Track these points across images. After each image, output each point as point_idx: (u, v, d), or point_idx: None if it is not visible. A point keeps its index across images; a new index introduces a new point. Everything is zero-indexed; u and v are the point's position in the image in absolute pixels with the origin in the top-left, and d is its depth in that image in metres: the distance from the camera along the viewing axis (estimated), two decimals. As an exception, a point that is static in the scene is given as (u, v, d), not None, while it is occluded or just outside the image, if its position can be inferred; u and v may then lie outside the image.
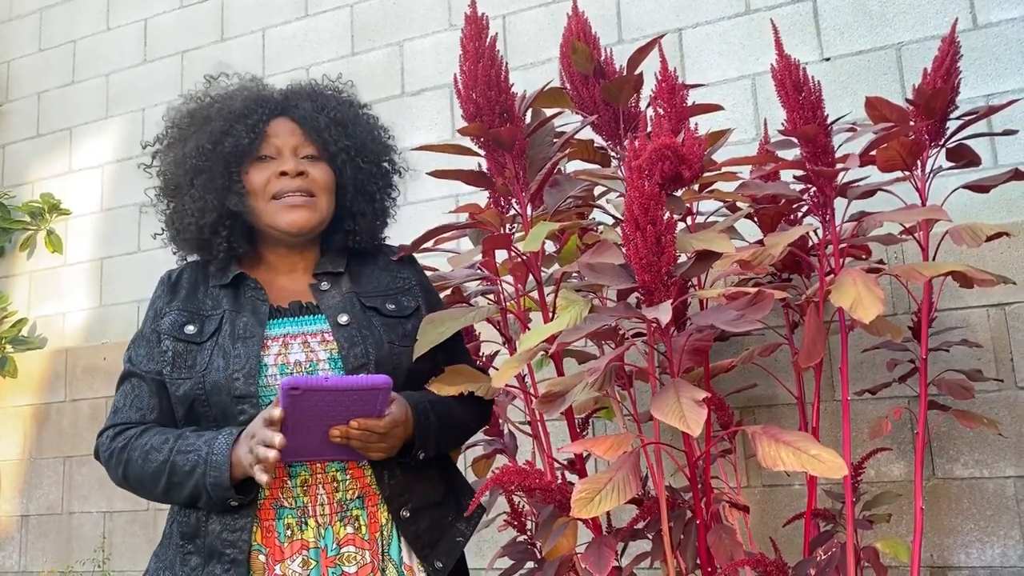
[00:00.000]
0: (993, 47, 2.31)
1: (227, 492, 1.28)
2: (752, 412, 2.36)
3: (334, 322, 1.41)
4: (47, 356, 3.55)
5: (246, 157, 1.45)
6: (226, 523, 1.33)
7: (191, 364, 1.38)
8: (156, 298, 1.49)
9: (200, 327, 1.41)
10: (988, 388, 2.14)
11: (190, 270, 1.51)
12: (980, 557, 2.13)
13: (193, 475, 1.29)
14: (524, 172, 1.63)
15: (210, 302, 1.44)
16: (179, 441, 1.33)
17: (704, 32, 2.65)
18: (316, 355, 1.39)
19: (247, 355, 1.36)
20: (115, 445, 1.38)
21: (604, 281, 1.37)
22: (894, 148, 1.67)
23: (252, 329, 1.39)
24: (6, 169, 3.83)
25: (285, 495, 1.34)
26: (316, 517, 1.34)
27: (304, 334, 1.41)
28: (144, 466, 1.34)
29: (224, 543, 1.32)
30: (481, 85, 1.59)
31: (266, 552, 1.33)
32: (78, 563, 3.27)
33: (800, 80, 1.61)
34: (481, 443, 2.01)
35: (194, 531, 1.35)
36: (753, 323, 1.30)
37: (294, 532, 1.34)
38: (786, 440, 1.28)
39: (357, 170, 1.51)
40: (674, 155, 1.35)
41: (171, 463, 1.31)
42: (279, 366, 1.37)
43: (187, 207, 1.45)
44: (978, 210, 2.17)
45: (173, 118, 1.54)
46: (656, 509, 1.53)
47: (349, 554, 1.34)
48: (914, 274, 1.59)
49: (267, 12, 3.38)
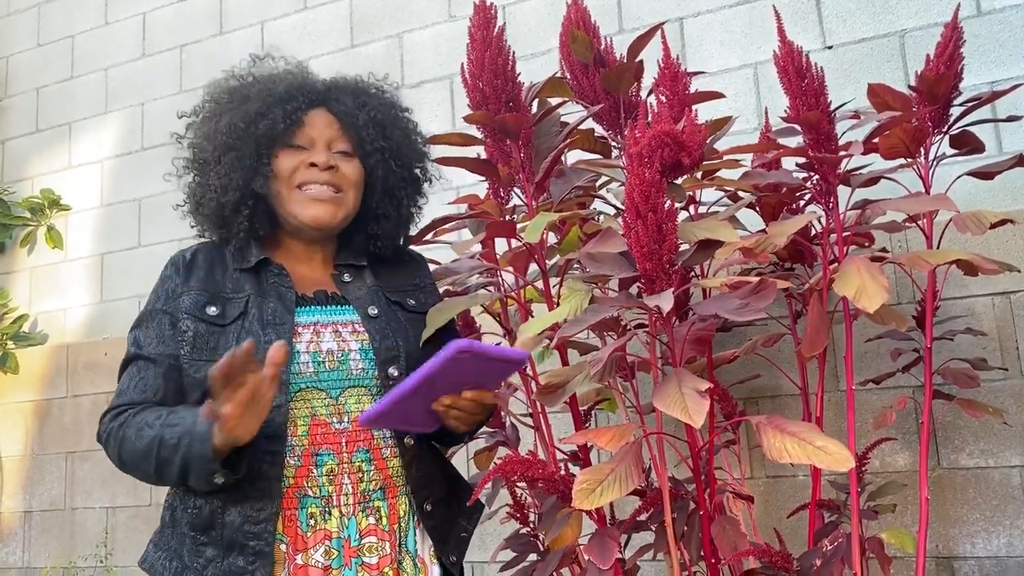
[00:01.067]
0: (997, 33, 2.29)
1: (209, 464, 1.22)
2: (756, 403, 2.35)
3: (364, 314, 1.41)
4: (48, 352, 3.54)
5: (278, 142, 1.43)
6: (247, 514, 1.29)
7: (213, 346, 1.34)
8: (167, 278, 1.43)
9: (222, 309, 1.37)
10: (993, 377, 2.12)
11: (205, 251, 1.46)
12: (986, 547, 2.12)
13: (179, 448, 1.24)
14: (530, 161, 1.62)
15: (231, 284, 1.40)
16: (170, 415, 1.28)
17: (705, 21, 2.63)
18: (348, 345, 1.38)
19: (278, 341, 1.31)
20: (113, 425, 1.33)
21: (605, 270, 1.36)
22: (897, 135, 1.65)
23: (281, 316, 1.36)
24: (6, 165, 3.82)
25: (310, 484, 1.32)
26: (340, 507, 1.33)
27: (335, 323, 1.40)
28: (137, 443, 1.29)
29: (247, 535, 1.28)
30: (488, 74, 1.58)
31: (287, 541, 1.31)
32: (81, 558, 3.27)
33: (803, 67, 1.59)
34: (483, 435, 2.00)
35: (208, 522, 1.31)
36: (756, 312, 1.28)
37: (317, 522, 1.32)
38: (791, 431, 1.27)
39: (389, 172, 1.49)
40: (674, 142, 1.34)
41: (160, 438, 1.26)
42: (311, 354, 1.35)
43: (211, 183, 1.42)
44: (982, 197, 2.16)
45: (212, 92, 1.50)
46: (659, 500, 1.52)
47: (371, 545, 1.34)
48: (919, 262, 1.58)
49: (266, 5, 3.36)
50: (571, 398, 1.66)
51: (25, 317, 3.60)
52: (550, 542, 1.55)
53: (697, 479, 1.53)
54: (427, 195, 1.61)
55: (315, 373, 1.34)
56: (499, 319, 1.86)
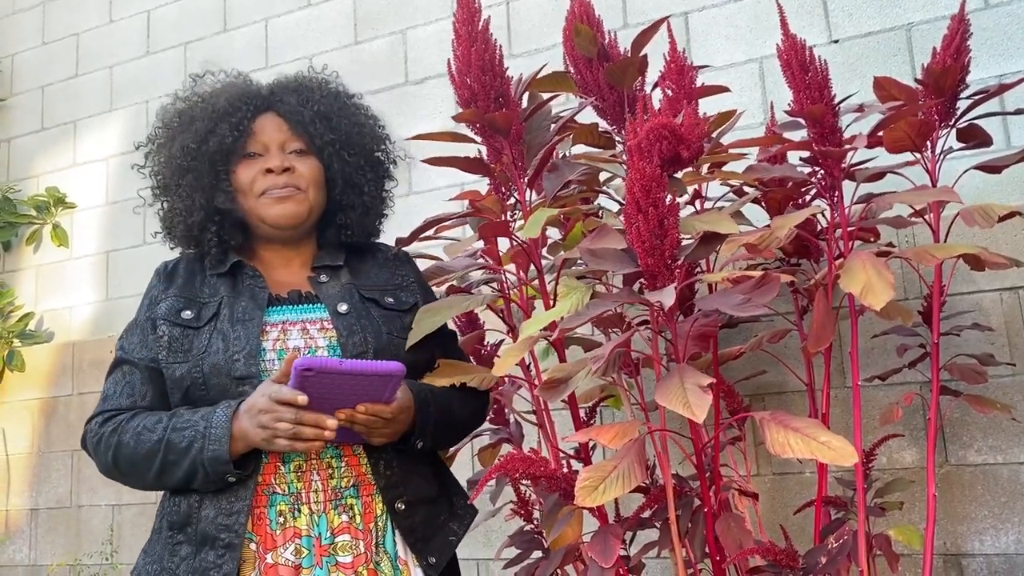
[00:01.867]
0: (1005, 26, 2.27)
1: (226, 466, 1.27)
2: (762, 399, 2.33)
3: (333, 310, 1.41)
4: (54, 350, 3.55)
5: (233, 155, 1.45)
6: (221, 507, 1.30)
7: (187, 348, 1.37)
8: (151, 287, 1.49)
9: (197, 312, 1.41)
10: (1001, 373, 2.11)
11: (186, 260, 1.51)
12: (994, 544, 2.10)
13: (190, 451, 1.28)
14: (522, 157, 1.61)
15: (207, 290, 1.44)
16: (173, 419, 1.32)
17: (711, 15, 2.62)
18: (315, 342, 1.38)
19: (247, 337, 1.36)
20: (104, 430, 1.36)
21: (606, 266, 1.35)
22: (903, 128, 1.63)
23: (251, 313, 1.39)
24: (11, 163, 3.83)
25: (278, 481, 1.33)
26: (310, 504, 1.32)
27: (303, 321, 1.41)
28: (137, 448, 1.32)
29: (218, 527, 1.29)
30: (475, 70, 1.57)
31: (257, 540, 1.31)
32: (87, 556, 3.28)
33: (806, 60, 1.58)
34: (487, 432, 1.99)
35: (185, 519, 1.33)
36: (759, 307, 1.27)
37: (287, 519, 1.31)
38: (795, 427, 1.26)
39: (344, 163, 1.49)
40: (672, 135, 1.33)
41: (166, 441, 1.30)
42: (277, 351, 1.36)
43: (176, 206, 1.46)
44: (990, 191, 2.14)
45: (163, 118, 1.54)
46: (663, 497, 1.51)
47: (343, 543, 1.32)
48: (925, 256, 1.56)
49: (269, 2, 3.35)
50: (570, 396, 1.65)
51: (31, 315, 3.61)
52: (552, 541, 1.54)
53: (701, 476, 1.52)
54: (395, 177, 1.60)
55: None
56: (502, 316, 1.85)
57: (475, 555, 2.57)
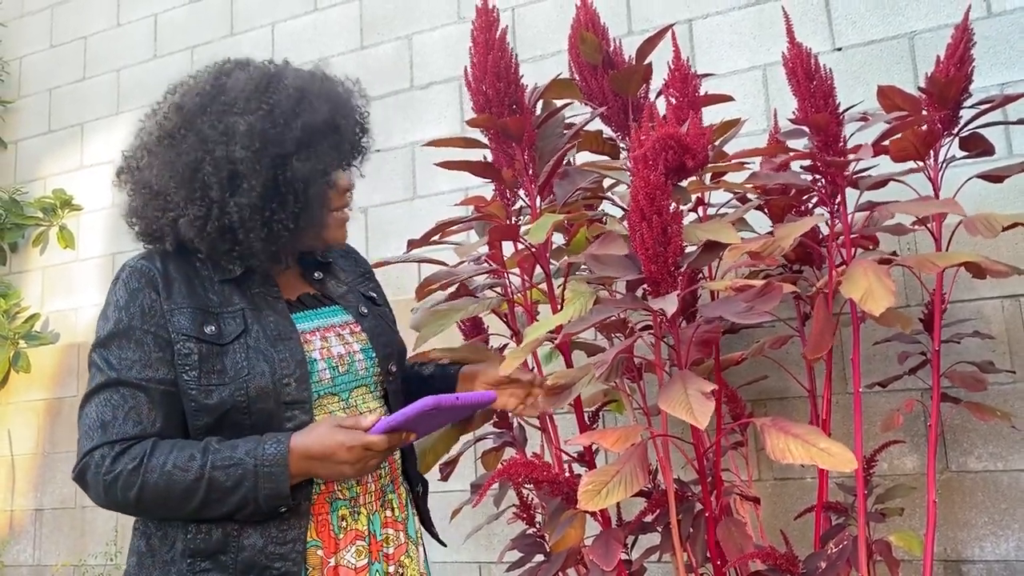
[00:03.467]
0: (1008, 35, 2.28)
1: (284, 501, 1.21)
2: (763, 405, 2.35)
3: (357, 313, 1.42)
4: (60, 351, 3.56)
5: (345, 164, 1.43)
6: (270, 535, 1.23)
7: (220, 369, 1.24)
8: (136, 292, 1.28)
9: (218, 326, 1.27)
10: (1002, 380, 2.11)
11: (169, 260, 1.32)
12: (994, 551, 2.11)
13: (239, 489, 1.19)
14: (533, 163, 1.63)
15: (216, 298, 1.29)
16: (210, 455, 1.20)
17: (715, 23, 2.63)
18: (351, 347, 1.37)
19: (292, 357, 1.27)
20: (119, 467, 1.20)
21: (610, 272, 1.36)
22: (908, 138, 1.65)
23: (286, 330, 1.30)
24: (19, 165, 3.85)
25: (339, 487, 1.32)
26: (365, 506, 1.35)
27: (334, 326, 1.39)
28: (169, 488, 1.19)
29: (271, 556, 1.23)
30: (491, 76, 1.59)
31: (322, 546, 1.30)
32: (91, 557, 3.29)
33: (811, 68, 1.59)
34: (491, 436, 2.00)
35: (219, 547, 1.23)
36: (762, 315, 1.28)
37: (348, 523, 1.32)
38: (795, 433, 1.27)
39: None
40: (678, 145, 1.34)
41: (208, 479, 1.18)
42: (327, 360, 1.33)
43: (222, 195, 1.31)
44: (992, 200, 2.15)
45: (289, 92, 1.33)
46: (665, 501, 1.52)
47: (388, 536, 1.38)
48: (927, 264, 1.58)
49: (276, 6, 3.37)
50: (576, 400, 1.66)
51: (37, 316, 3.62)
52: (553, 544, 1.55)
53: (702, 480, 1.53)
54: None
55: (331, 379, 1.33)
56: (506, 320, 1.86)
57: (478, 558, 2.58)
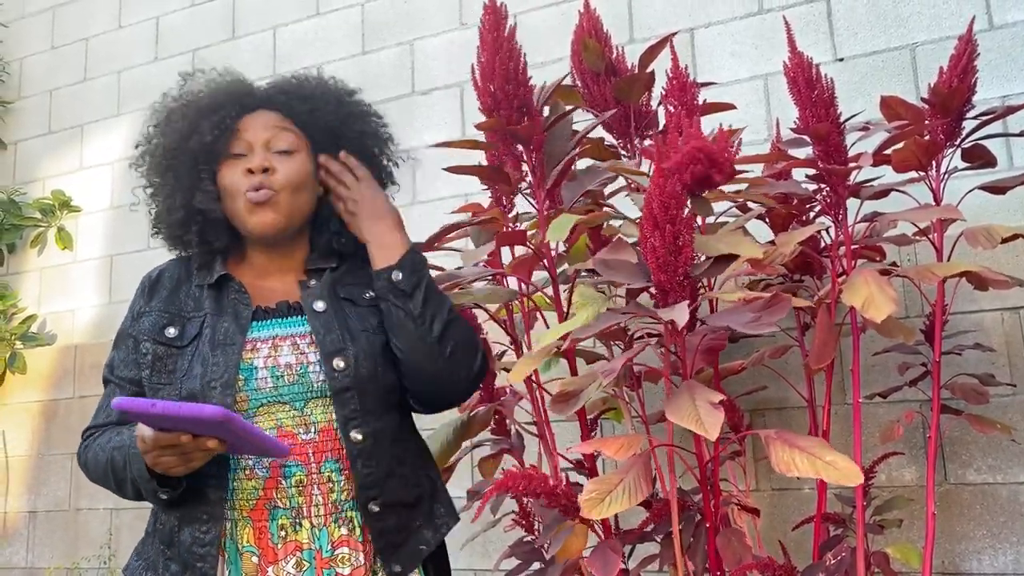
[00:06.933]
0: (1009, 48, 2.29)
1: (148, 484, 1.24)
2: (762, 414, 2.34)
3: (310, 310, 1.38)
4: (56, 352, 3.55)
5: (217, 155, 1.41)
6: (196, 536, 1.30)
7: (171, 369, 1.35)
8: (135, 299, 1.46)
9: (181, 330, 1.37)
10: (1002, 393, 2.11)
11: (172, 268, 1.48)
12: (992, 564, 2.11)
13: (127, 468, 1.28)
14: (542, 168, 1.61)
15: (192, 303, 1.40)
16: (115, 437, 1.32)
17: (716, 32, 2.63)
18: (307, 358, 1.35)
19: (225, 363, 1.31)
20: (81, 449, 1.40)
21: (619, 279, 1.35)
22: (910, 148, 1.65)
23: (232, 336, 1.34)
24: (18, 166, 3.84)
25: (280, 496, 1.31)
26: (311, 518, 1.31)
27: (293, 336, 1.37)
28: (96, 466, 1.35)
29: (194, 556, 1.29)
30: (499, 78, 1.56)
31: (259, 553, 1.30)
32: (84, 560, 3.27)
33: (813, 77, 1.59)
34: (488, 443, 1.99)
35: (169, 538, 1.34)
36: (768, 326, 1.28)
37: (288, 533, 1.31)
38: (800, 446, 1.26)
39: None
40: (707, 158, 1.33)
41: (111, 460, 1.31)
42: (269, 368, 1.33)
43: (159, 205, 1.46)
44: (993, 212, 2.15)
45: (152, 117, 1.51)
46: (666, 511, 1.51)
47: (343, 556, 1.32)
48: (927, 275, 1.57)
49: (278, 11, 3.37)
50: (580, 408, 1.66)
51: (34, 317, 3.61)
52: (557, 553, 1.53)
53: (704, 491, 1.52)
54: (396, 182, 1.56)
55: (274, 388, 1.33)
56: (504, 326, 1.85)
57: (473, 566, 2.57)
